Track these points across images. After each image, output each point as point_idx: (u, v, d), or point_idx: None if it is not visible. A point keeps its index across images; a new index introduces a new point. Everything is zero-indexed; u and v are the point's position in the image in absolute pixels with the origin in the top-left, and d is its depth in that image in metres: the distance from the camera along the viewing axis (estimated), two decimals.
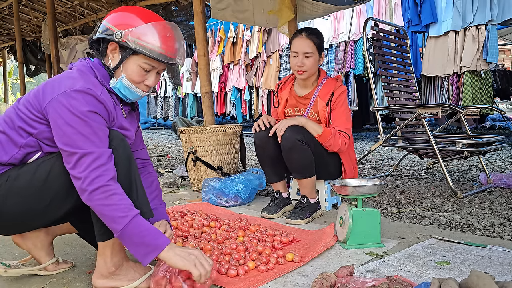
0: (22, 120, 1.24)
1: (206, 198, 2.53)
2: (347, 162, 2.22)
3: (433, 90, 5.63)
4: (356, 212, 1.66)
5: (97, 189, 1.15)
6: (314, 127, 2.07)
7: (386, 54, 3.34)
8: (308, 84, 2.26)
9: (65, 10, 6.91)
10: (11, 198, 1.22)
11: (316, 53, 2.15)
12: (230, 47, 8.01)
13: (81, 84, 1.22)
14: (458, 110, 2.63)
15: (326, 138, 2.06)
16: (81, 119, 1.18)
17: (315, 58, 2.15)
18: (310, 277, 1.38)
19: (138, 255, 1.18)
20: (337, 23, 6.60)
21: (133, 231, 1.16)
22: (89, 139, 1.18)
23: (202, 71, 3.32)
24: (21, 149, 1.25)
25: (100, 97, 1.24)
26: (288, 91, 2.33)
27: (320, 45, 2.18)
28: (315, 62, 2.17)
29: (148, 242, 1.17)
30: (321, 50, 2.20)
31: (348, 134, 2.13)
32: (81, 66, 1.32)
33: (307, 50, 2.13)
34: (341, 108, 2.16)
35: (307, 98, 2.25)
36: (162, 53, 1.30)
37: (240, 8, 4.03)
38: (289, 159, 2.07)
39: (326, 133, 2.06)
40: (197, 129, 2.85)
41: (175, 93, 9.88)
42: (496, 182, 2.77)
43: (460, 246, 1.63)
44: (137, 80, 1.33)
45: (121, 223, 1.16)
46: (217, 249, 1.62)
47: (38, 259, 1.45)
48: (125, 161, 1.27)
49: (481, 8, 4.98)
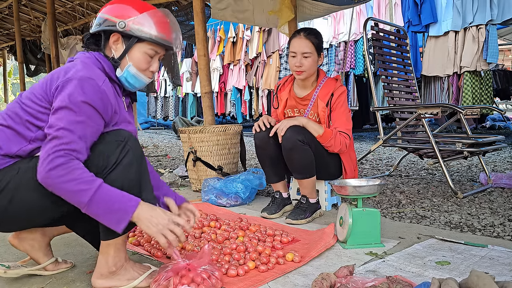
0: (29, 114, 1.24)
1: (206, 198, 2.53)
2: (347, 162, 2.22)
3: (433, 90, 5.63)
4: (356, 212, 1.66)
5: (57, 167, 1.13)
6: (315, 127, 2.07)
7: (386, 54, 3.34)
8: (308, 85, 2.26)
9: (65, 10, 6.92)
10: (21, 192, 1.20)
11: (314, 53, 2.15)
12: (230, 47, 8.01)
13: (83, 73, 1.23)
14: (458, 110, 2.63)
15: (327, 138, 2.06)
16: (72, 109, 1.18)
17: (313, 59, 2.15)
18: (310, 277, 1.38)
19: (112, 225, 1.17)
20: (337, 23, 6.60)
21: (100, 200, 1.14)
22: (70, 127, 1.17)
23: (202, 71, 3.32)
24: (31, 143, 1.24)
25: (101, 87, 1.24)
26: (287, 92, 2.32)
27: (318, 45, 2.17)
28: (314, 63, 2.16)
29: (117, 208, 1.16)
30: (320, 50, 2.19)
31: (348, 135, 2.13)
32: (85, 58, 1.32)
33: (306, 50, 2.12)
34: (341, 108, 2.16)
35: (306, 99, 2.25)
36: (164, 38, 1.35)
37: (240, 8, 4.03)
38: (290, 159, 2.07)
39: (327, 134, 2.06)
40: (197, 129, 2.85)
41: (175, 93, 9.88)
42: (496, 182, 2.77)
43: (460, 246, 1.63)
44: (143, 67, 1.36)
45: (87, 195, 1.13)
46: (217, 249, 1.62)
47: (37, 259, 1.45)
48: (140, 160, 1.27)
49: (481, 8, 4.98)
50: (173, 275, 1.23)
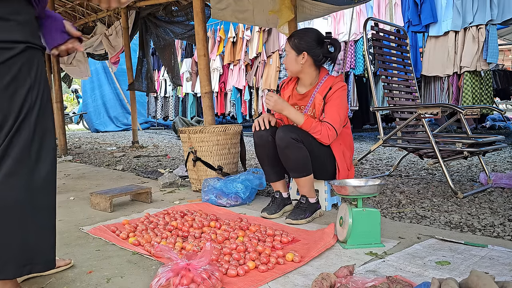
0: None
1: (206, 198, 2.53)
2: (340, 160, 2.21)
3: (433, 90, 5.63)
4: (356, 212, 1.66)
5: None
6: (295, 117, 2.12)
7: (386, 54, 3.34)
8: (307, 83, 2.28)
9: (65, 10, 6.92)
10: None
11: (291, 51, 2.23)
12: (230, 47, 8.01)
13: None
14: (458, 110, 2.63)
15: (306, 128, 2.11)
16: None
17: (290, 57, 2.24)
18: (310, 277, 1.38)
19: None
20: (337, 23, 6.60)
21: None
22: None
23: (202, 71, 3.32)
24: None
25: None
26: (290, 90, 2.35)
27: (296, 45, 2.21)
28: (292, 60, 2.23)
29: None
30: (300, 50, 2.21)
31: (333, 127, 2.12)
32: None
33: (285, 48, 2.29)
34: (335, 101, 2.17)
35: (307, 95, 2.27)
36: None
37: (240, 8, 4.03)
38: (285, 158, 2.09)
39: (307, 123, 2.10)
40: (197, 129, 2.85)
41: (175, 93, 9.88)
42: (496, 182, 2.77)
43: (460, 246, 1.63)
44: None
45: None
46: (217, 249, 1.62)
47: None
48: None
49: (481, 8, 4.98)
50: (173, 275, 1.23)
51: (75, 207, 2.57)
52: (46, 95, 1.24)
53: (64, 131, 5.57)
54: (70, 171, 4.20)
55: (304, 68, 2.23)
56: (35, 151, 1.20)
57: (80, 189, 3.19)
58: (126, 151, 5.94)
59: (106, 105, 11.58)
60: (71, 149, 6.52)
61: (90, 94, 11.55)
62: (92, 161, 4.97)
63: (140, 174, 3.77)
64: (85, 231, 2.01)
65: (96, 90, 11.57)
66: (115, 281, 1.42)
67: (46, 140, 1.23)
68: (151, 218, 2.12)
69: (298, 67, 2.23)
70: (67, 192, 3.06)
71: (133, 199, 2.73)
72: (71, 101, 17.72)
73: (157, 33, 5.89)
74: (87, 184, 3.41)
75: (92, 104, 11.46)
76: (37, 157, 1.20)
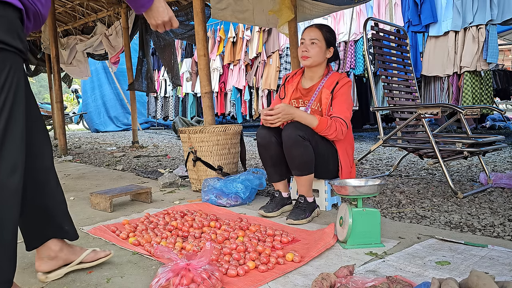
0: None
1: (206, 198, 2.53)
2: (343, 158, 2.22)
3: (433, 90, 5.63)
4: (356, 212, 1.66)
5: None
6: (309, 120, 2.09)
7: (386, 54, 3.34)
8: (315, 77, 2.30)
9: (65, 10, 6.92)
10: None
11: (322, 42, 2.21)
12: (230, 47, 8.01)
13: None
14: (458, 110, 2.63)
15: (322, 128, 2.09)
16: None
17: (320, 46, 2.20)
18: (310, 277, 1.38)
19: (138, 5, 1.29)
20: (337, 23, 6.60)
21: None
22: None
23: (202, 71, 3.32)
24: None
25: None
26: (295, 84, 2.36)
27: (328, 38, 2.23)
28: (320, 51, 2.21)
29: None
30: (330, 44, 2.24)
31: (345, 122, 2.14)
32: None
33: (313, 36, 2.20)
34: (343, 97, 2.19)
35: (311, 90, 2.29)
36: None
37: (240, 8, 4.03)
38: (291, 155, 2.09)
39: (322, 124, 2.08)
40: (197, 129, 2.85)
41: (175, 93, 9.88)
42: (496, 182, 2.77)
43: (460, 246, 1.63)
44: None
45: None
46: (217, 249, 1.62)
47: (69, 260, 1.47)
48: None
49: (481, 8, 4.98)
50: (173, 275, 1.23)
51: (75, 207, 2.56)
52: (17, 106, 1.08)
53: (64, 131, 5.57)
54: (70, 171, 4.20)
55: (324, 62, 2.26)
56: None
57: (80, 189, 3.19)
58: (126, 151, 5.94)
59: (106, 105, 11.58)
60: (71, 149, 6.52)
61: (90, 94, 11.56)
62: (92, 161, 4.97)
63: (140, 174, 3.77)
64: (85, 231, 2.01)
65: (96, 90, 11.58)
66: (115, 281, 1.42)
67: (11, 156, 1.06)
68: (151, 218, 2.12)
69: (322, 59, 2.25)
70: (67, 192, 3.06)
71: (133, 199, 2.73)
72: (71, 101, 17.74)
73: (157, 33, 5.89)
74: (87, 184, 3.41)
75: (92, 104, 11.47)
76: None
